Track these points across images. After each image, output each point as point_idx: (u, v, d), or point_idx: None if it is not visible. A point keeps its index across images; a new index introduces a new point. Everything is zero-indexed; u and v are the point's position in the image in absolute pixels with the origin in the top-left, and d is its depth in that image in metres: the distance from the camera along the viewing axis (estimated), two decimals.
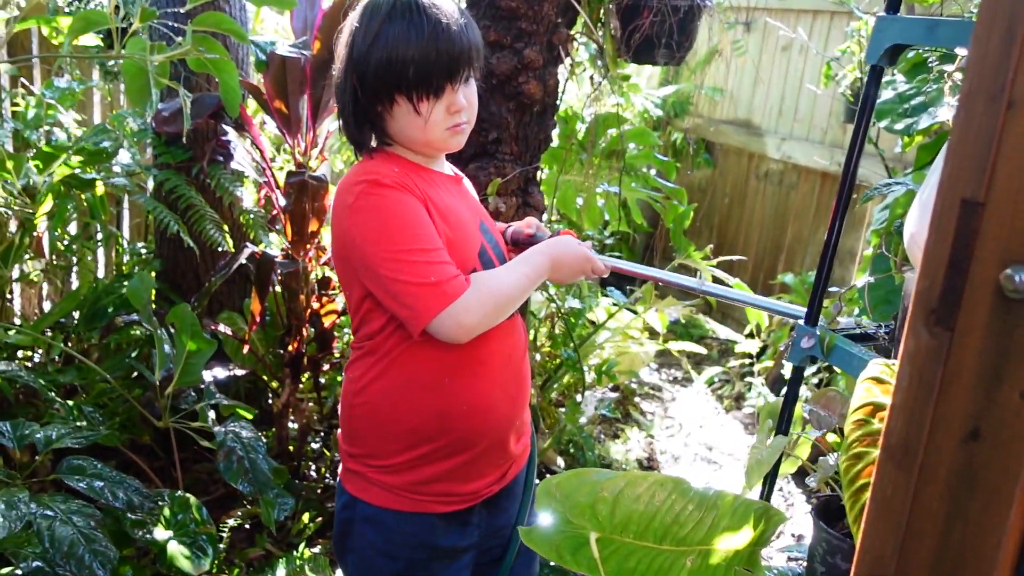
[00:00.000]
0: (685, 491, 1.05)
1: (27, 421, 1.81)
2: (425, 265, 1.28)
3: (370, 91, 1.34)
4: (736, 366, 4.08)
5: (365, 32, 1.32)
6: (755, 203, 4.68)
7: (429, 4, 1.32)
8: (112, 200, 3.22)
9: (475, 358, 1.43)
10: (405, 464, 1.44)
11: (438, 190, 1.41)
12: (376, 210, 1.30)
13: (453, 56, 1.31)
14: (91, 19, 2.07)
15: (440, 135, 1.38)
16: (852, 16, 3.70)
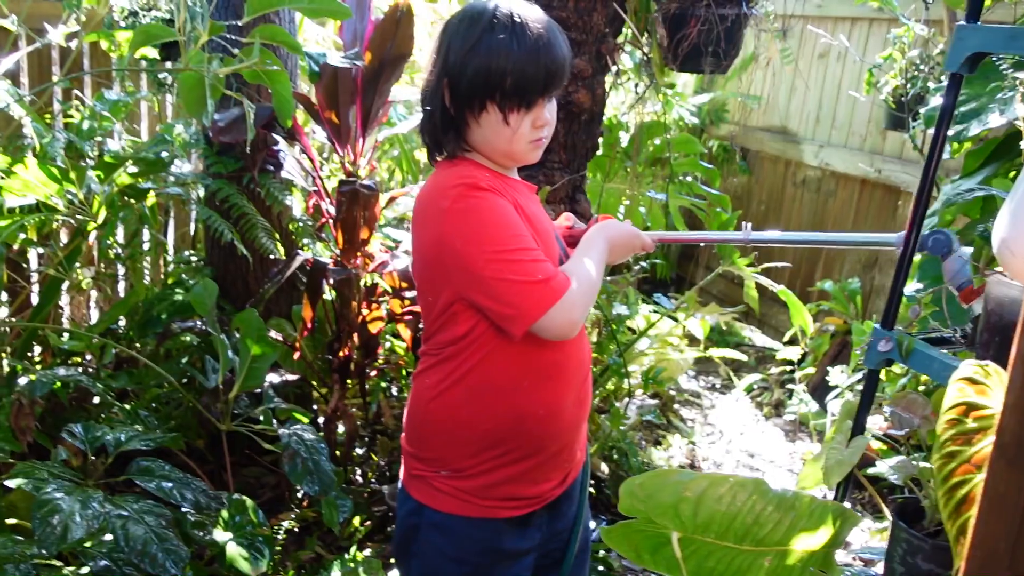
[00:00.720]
0: (765, 492, 1.07)
1: (96, 424, 1.85)
2: (531, 263, 1.30)
3: (462, 97, 1.37)
4: (775, 373, 4.07)
5: (464, 39, 1.35)
6: (792, 210, 4.67)
7: (530, 16, 1.35)
8: (159, 210, 3.28)
9: (552, 361, 1.45)
10: (477, 468, 1.46)
11: (523, 198, 1.45)
12: (475, 212, 1.32)
13: (550, 71, 1.34)
14: (152, 32, 2.12)
15: (523, 147, 1.41)
16: (892, 23, 3.70)
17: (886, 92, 3.39)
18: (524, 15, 1.35)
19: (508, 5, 1.37)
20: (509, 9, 1.36)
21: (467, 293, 1.37)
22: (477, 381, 1.44)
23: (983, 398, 0.82)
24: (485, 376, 1.43)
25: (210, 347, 2.76)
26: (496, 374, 1.43)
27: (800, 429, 3.75)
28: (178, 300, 2.75)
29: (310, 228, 2.85)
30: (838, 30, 4.21)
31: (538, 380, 1.44)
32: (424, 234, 1.42)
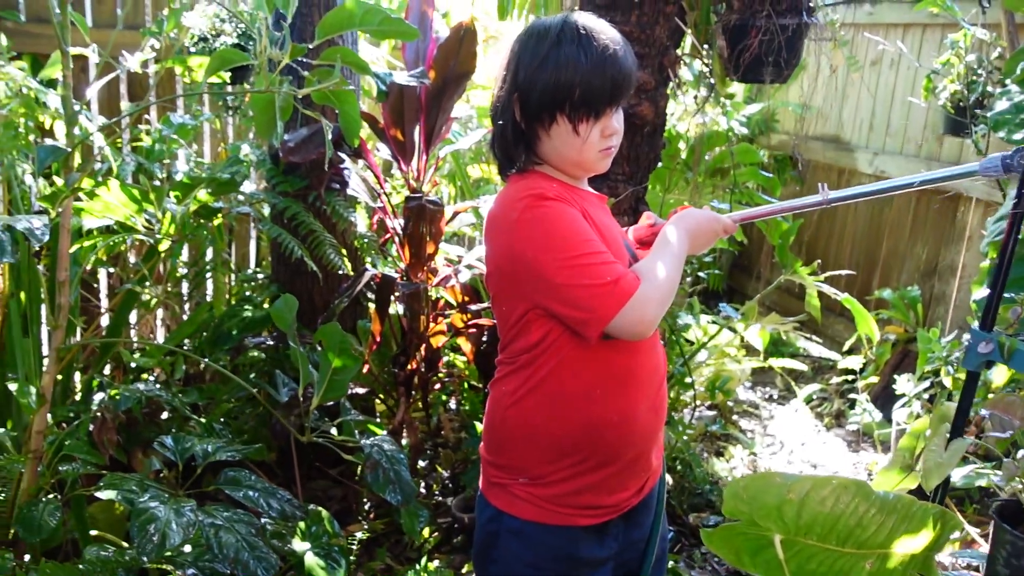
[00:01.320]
0: (868, 494, 1.07)
1: (185, 435, 1.91)
2: (601, 266, 1.33)
3: (533, 110, 1.41)
4: (835, 383, 4.04)
5: (533, 54, 1.39)
6: (847, 218, 4.64)
7: (597, 30, 1.39)
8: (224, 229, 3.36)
9: (626, 369, 1.47)
10: (554, 476, 1.48)
11: (591, 207, 1.47)
12: (544, 221, 1.36)
13: (617, 82, 1.38)
14: (227, 57, 2.18)
15: (593, 156, 1.44)
16: (946, 28, 3.68)
17: (944, 97, 3.37)
18: (591, 28, 1.39)
19: (576, 19, 1.41)
20: (576, 23, 1.40)
21: (541, 301, 1.40)
22: (551, 388, 1.46)
23: None
24: (559, 383, 1.45)
25: (278, 362, 2.82)
26: (570, 381, 1.45)
27: (863, 439, 3.71)
28: (248, 316, 2.82)
29: (375, 243, 2.90)
30: (891, 37, 4.18)
31: (612, 387, 1.46)
32: (496, 246, 1.46)
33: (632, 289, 1.34)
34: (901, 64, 4.20)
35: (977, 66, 3.29)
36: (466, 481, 2.73)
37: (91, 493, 1.90)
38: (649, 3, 2.33)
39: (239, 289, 3.34)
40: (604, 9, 2.36)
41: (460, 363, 3.19)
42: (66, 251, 1.94)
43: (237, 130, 3.75)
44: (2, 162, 2.26)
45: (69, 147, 1.89)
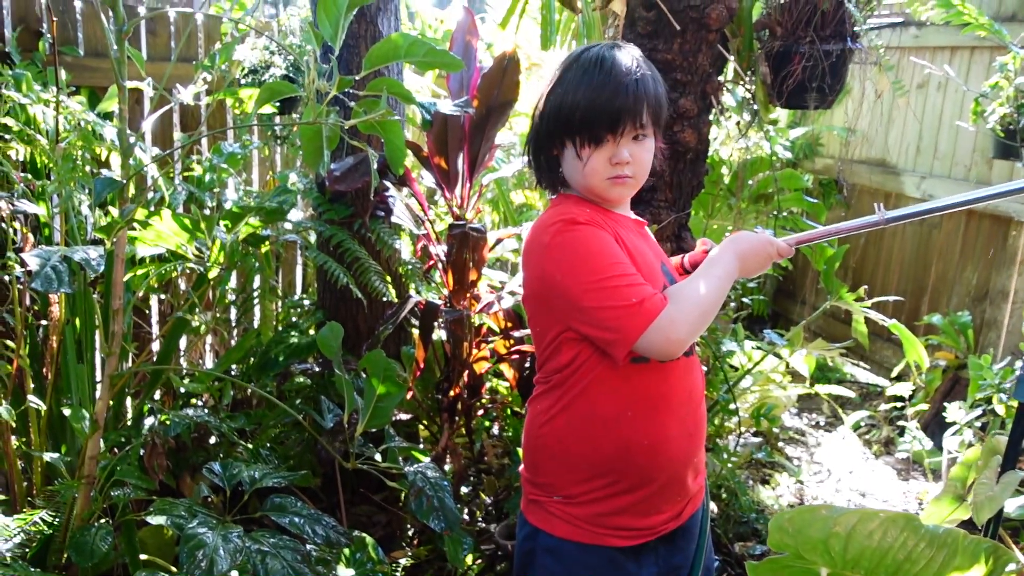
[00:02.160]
0: (917, 528, 1.06)
1: (232, 462, 1.94)
2: (626, 288, 1.35)
3: (545, 135, 1.46)
4: (884, 410, 3.96)
5: (552, 80, 1.46)
6: (893, 243, 4.57)
7: (611, 57, 1.41)
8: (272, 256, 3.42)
9: (657, 392, 1.48)
10: (587, 496, 1.49)
11: (625, 231, 1.49)
12: (572, 245, 1.39)
13: (614, 108, 1.39)
14: (276, 89, 2.23)
15: (599, 183, 1.45)
16: (995, 51, 3.63)
17: (993, 121, 3.32)
18: (607, 55, 1.41)
19: (600, 47, 1.44)
20: (598, 50, 1.43)
21: (570, 323, 1.43)
22: (583, 409, 1.48)
23: None
24: (590, 404, 1.47)
25: (324, 389, 2.86)
26: (600, 402, 1.47)
27: (913, 468, 3.63)
28: (294, 342, 2.86)
29: (419, 271, 2.93)
30: (937, 60, 4.14)
31: (642, 410, 1.47)
32: (530, 270, 1.50)
33: (658, 309, 1.35)
34: (948, 87, 4.15)
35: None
36: (509, 508, 2.73)
37: (141, 518, 1.94)
38: (692, 31, 2.34)
39: (286, 315, 3.39)
40: (647, 37, 2.37)
41: (503, 389, 3.20)
42: (120, 280, 2.00)
43: (285, 158, 3.83)
44: (60, 193, 2.34)
45: (124, 179, 1.94)
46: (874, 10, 2.61)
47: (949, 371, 3.69)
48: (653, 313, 1.34)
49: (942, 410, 3.26)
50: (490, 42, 3.60)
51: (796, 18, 2.48)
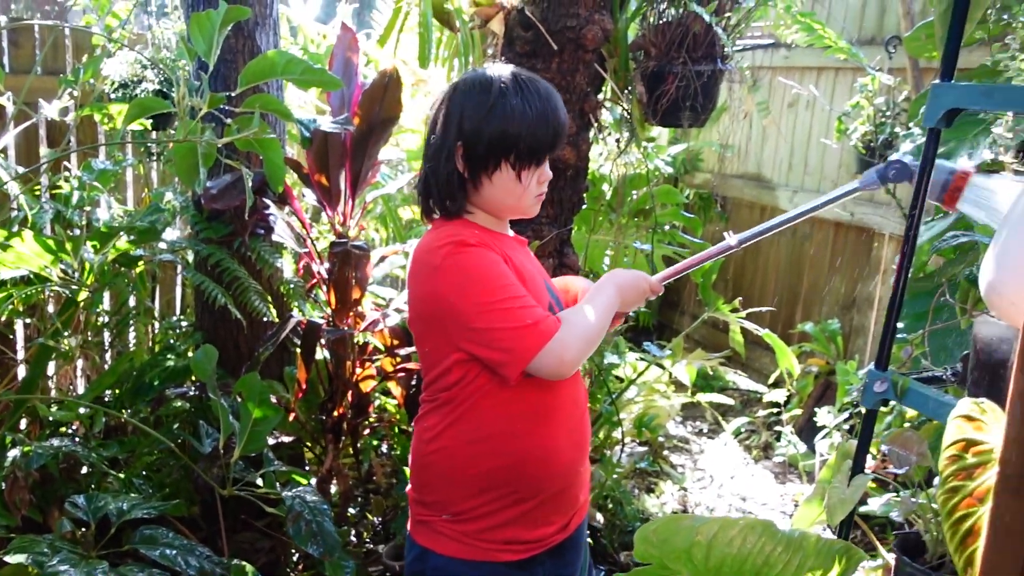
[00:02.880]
0: (773, 533, 1.10)
1: (99, 494, 1.85)
2: (519, 310, 1.38)
3: (478, 159, 1.45)
4: (762, 416, 4.12)
5: (478, 106, 1.44)
6: (769, 254, 4.77)
7: (535, 83, 1.47)
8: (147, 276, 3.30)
9: (546, 404, 1.50)
10: (476, 511, 1.50)
11: (512, 251, 1.51)
12: (465, 267, 1.40)
13: (558, 132, 1.47)
14: (147, 105, 2.16)
15: (530, 201, 1.52)
16: (857, 72, 3.84)
17: (855, 138, 3.51)
18: (529, 81, 1.47)
19: (511, 71, 1.49)
20: (514, 75, 1.47)
21: (462, 344, 1.44)
22: (471, 424, 1.49)
23: (981, 434, 0.86)
24: (478, 419, 1.49)
25: (202, 413, 2.76)
26: (489, 417, 1.48)
27: (789, 471, 3.78)
28: (170, 366, 2.76)
29: (301, 290, 2.88)
30: (806, 80, 4.35)
31: (532, 423, 1.49)
32: (418, 290, 1.51)
33: (552, 331, 1.38)
34: (816, 106, 4.36)
35: (886, 109, 3.44)
36: (396, 528, 2.71)
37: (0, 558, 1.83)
38: (569, 51, 2.39)
39: (163, 337, 3.27)
40: (525, 57, 2.41)
41: (391, 407, 3.17)
42: None
43: (162, 176, 3.70)
44: None
45: None
46: (742, 34, 2.72)
47: (821, 377, 3.87)
48: (547, 335, 1.38)
49: (814, 415, 3.41)
50: (374, 58, 3.58)
51: (669, 40, 2.57)
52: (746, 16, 2.67)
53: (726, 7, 2.57)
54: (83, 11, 3.46)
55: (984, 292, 1.04)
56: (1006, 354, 1.10)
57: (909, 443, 1.16)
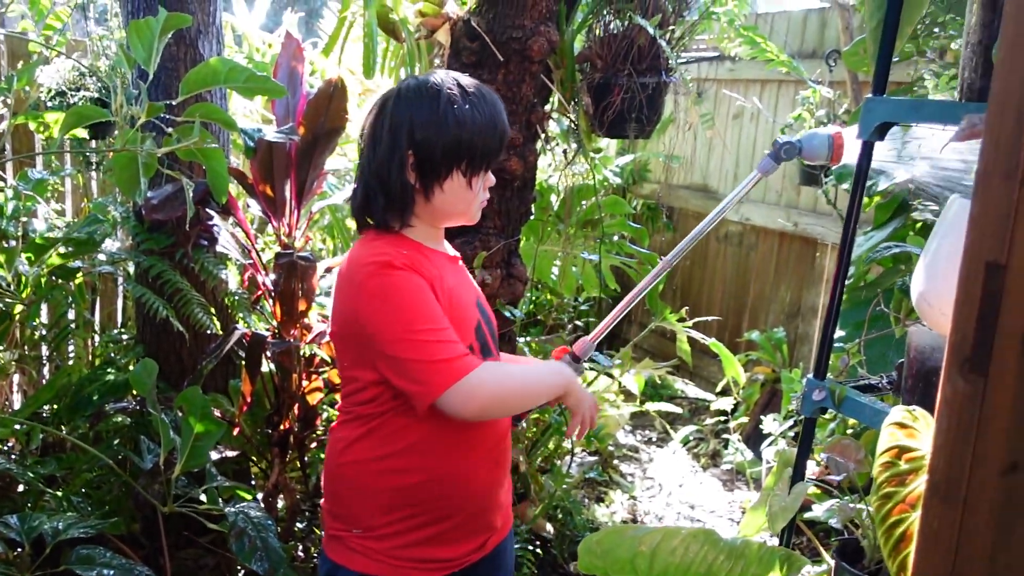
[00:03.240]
0: (715, 542, 1.11)
1: (34, 513, 1.80)
2: (436, 344, 1.35)
3: (431, 168, 1.43)
4: (710, 424, 4.16)
5: (429, 113, 1.41)
6: (716, 264, 4.83)
7: (482, 88, 1.47)
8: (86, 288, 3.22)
9: (461, 426, 1.47)
10: (387, 528, 1.48)
11: (442, 271, 1.48)
12: (385, 292, 1.37)
13: (503, 136, 1.47)
14: (84, 114, 2.11)
15: (477, 207, 1.52)
16: (799, 85, 3.92)
17: None
18: (474, 87, 1.46)
19: (455, 78, 1.46)
20: (458, 82, 1.45)
21: (376, 366, 1.42)
22: (383, 440, 1.47)
23: (913, 441, 0.88)
24: (391, 436, 1.47)
25: (144, 428, 2.70)
26: (402, 435, 1.46)
27: (737, 478, 3.82)
28: (110, 380, 2.69)
29: (246, 301, 2.83)
30: (750, 92, 4.43)
31: (446, 444, 1.47)
32: (340, 306, 1.47)
33: (465, 370, 1.35)
34: (760, 117, 4.44)
35: (827, 120, 3.51)
36: None
37: None
38: (515, 62, 2.39)
39: (103, 351, 3.19)
40: (471, 67, 2.41)
41: None
42: None
43: (102, 186, 3.62)
44: None
45: None
46: (686, 46, 2.76)
47: (767, 384, 3.93)
48: (459, 373, 1.35)
49: (761, 422, 3.46)
50: (320, 68, 3.55)
51: (615, 52, 2.60)
52: (690, 29, 2.71)
53: (670, 20, 2.61)
54: (20, 17, 3.37)
55: (915, 302, 1.07)
56: (938, 362, 1.13)
57: (847, 450, 1.18)
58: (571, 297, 4.19)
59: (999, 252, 0.65)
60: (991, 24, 1.14)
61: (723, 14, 2.86)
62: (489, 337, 1.56)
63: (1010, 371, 0.66)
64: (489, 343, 1.56)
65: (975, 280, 0.67)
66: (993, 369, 0.66)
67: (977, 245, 0.67)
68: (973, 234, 0.67)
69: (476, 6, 2.38)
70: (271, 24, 4.72)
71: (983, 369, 0.67)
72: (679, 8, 2.66)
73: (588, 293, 3.40)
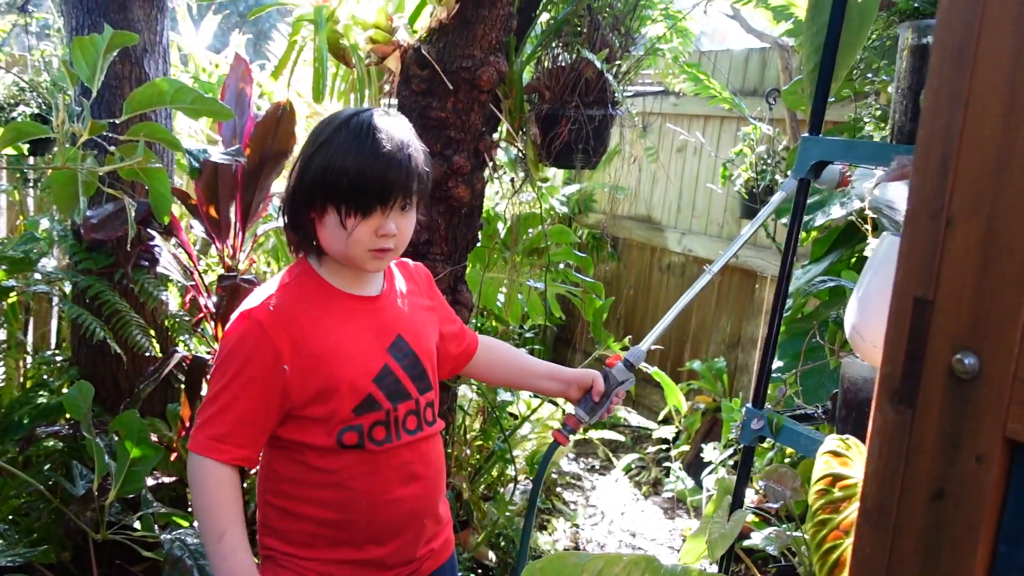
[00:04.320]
0: (657, 569, 1.12)
1: None
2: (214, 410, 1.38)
3: (305, 195, 1.39)
4: (652, 452, 4.20)
5: (315, 137, 1.39)
6: (659, 294, 4.90)
7: (381, 126, 1.37)
8: (19, 308, 3.13)
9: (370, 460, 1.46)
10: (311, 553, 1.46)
11: (326, 319, 1.43)
12: (228, 337, 1.41)
13: (387, 180, 1.35)
14: (24, 130, 2.07)
15: (361, 254, 1.40)
16: (742, 121, 4.03)
17: (739, 184, 3.67)
18: (380, 124, 1.37)
19: (371, 113, 1.40)
20: (369, 116, 1.39)
21: None
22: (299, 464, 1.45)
23: (846, 469, 0.91)
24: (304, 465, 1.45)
25: (76, 452, 2.63)
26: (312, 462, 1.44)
27: (678, 506, 3.86)
28: (42, 403, 2.62)
29: (187, 324, 2.79)
30: (693, 127, 4.53)
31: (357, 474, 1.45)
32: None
33: (196, 448, 1.38)
34: (703, 152, 4.54)
35: (767, 156, 3.61)
36: None
37: None
38: (464, 91, 2.42)
39: (36, 373, 3.10)
40: (421, 95, 2.43)
41: None
42: None
43: (39, 203, 3.53)
44: None
45: None
46: (632, 80, 2.82)
47: (708, 413, 3.98)
48: (200, 446, 1.37)
49: (701, 451, 3.51)
50: (268, 90, 3.53)
51: (562, 84, 2.64)
52: (636, 64, 2.77)
53: (617, 55, 2.67)
54: None
55: (848, 334, 1.10)
56: (870, 393, 1.17)
57: (783, 478, 1.21)
58: (516, 324, 4.20)
59: (926, 288, 0.68)
60: (919, 70, 1.20)
61: (668, 50, 2.93)
62: (406, 380, 1.49)
63: (936, 402, 0.69)
64: (403, 388, 1.49)
65: (904, 315, 0.70)
66: (921, 400, 0.70)
67: (906, 281, 0.70)
68: (902, 270, 0.70)
69: (427, 35, 2.40)
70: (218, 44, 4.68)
71: (911, 401, 0.70)
72: (626, 43, 2.72)
73: (533, 320, 3.42)
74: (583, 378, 1.72)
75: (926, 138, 0.68)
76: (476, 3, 2.32)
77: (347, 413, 1.42)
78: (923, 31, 1.15)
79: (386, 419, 1.46)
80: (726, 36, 7.12)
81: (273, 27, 4.60)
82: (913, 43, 1.17)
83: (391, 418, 1.47)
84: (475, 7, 2.33)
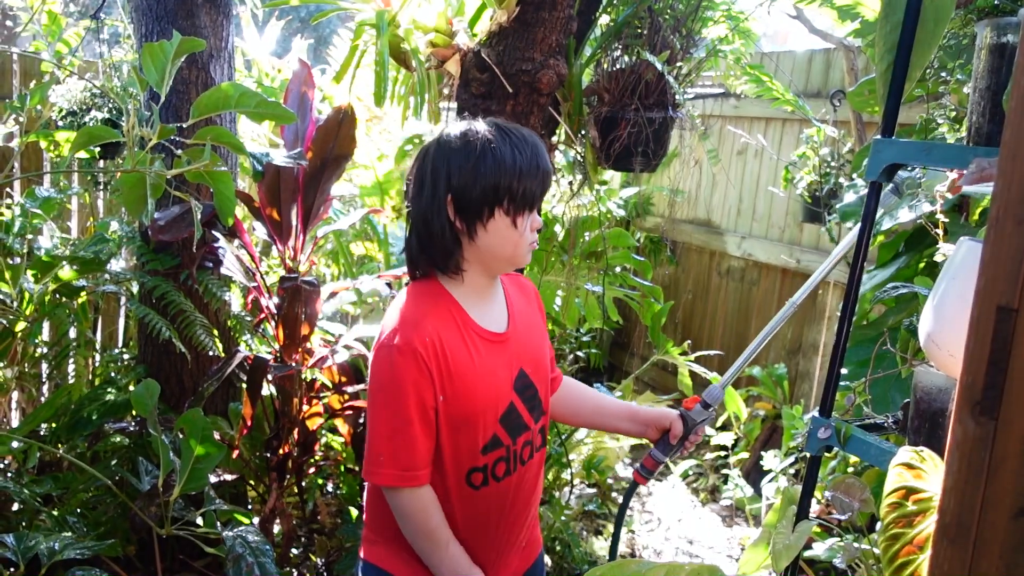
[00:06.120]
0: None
1: (30, 532, 1.79)
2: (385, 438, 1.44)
3: (472, 210, 1.43)
4: (710, 459, 4.14)
5: (467, 158, 1.42)
6: (718, 299, 4.84)
7: (524, 132, 1.48)
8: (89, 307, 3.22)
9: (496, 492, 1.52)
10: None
11: (466, 349, 1.47)
12: (379, 372, 1.44)
13: (548, 176, 1.47)
14: (95, 134, 2.13)
15: (525, 249, 1.49)
16: (804, 123, 3.95)
17: (801, 187, 3.60)
18: (514, 130, 1.48)
19: (495, 123, 1.48)
20: (497, 125, 1.48)
21: None
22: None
23: (920, 482, 0.88)
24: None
25: (142, 448, 2.69)
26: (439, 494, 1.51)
27: (736, 514, 3.80)
28: (110, 400, 2.69)
29: (249, 324, 2.84)
30: (754, 129, 4.46)
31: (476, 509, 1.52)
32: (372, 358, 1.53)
33: (393, 482, 1.43)
34: (764, 154, 4.47)
35: (830, 159, 3.53)
36: (340, 569, 2.65)
37: None
38: (524, 94, 2.41)
39: (104, 370, 3.19)
40: (480, 98, 2.43)
41: (337, 445, 3.12)
42: None
43: (108, 205, 3.63)
44: None
45: None
46: (693, 83, 2.78)
47: (767, 420, 3.91)
48: (389, 478, 1.43)
49: (761, 458, 3.44)
50: (329, 95, 3.58)
51: (622, 86, 2.62)
52: (697, 66, 2.73)
53: (678, 57, 2.63)
54: (33, 37, 3.41)
55: (923, 343, 1.07)
56: (945, 404, 1.13)
57: (852, 489, 1.18)
58: (573, 328, 4.18)
59: (1011, 296, 0.65)
60: (998, 70, 1.16)
61: (730, 52, 2.88)
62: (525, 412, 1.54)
63: (1020, 415, 0.66)
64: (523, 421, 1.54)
65: (986, 323, 0.67)
66: (1003, 413, 0.67)
67: (989, 289, 0.67)
68: (985, 277, 0.67)
69: (486, 38, 2.40)
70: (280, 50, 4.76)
71: (993, 413, 0.67)
72: (686, 45, 2.68)
73: (590, 324, 3.40)
74: (661, 419, 1.74)
75: (1012, 141, 0.66)
76: (536, 6, 2.31)
77: (476, 452, 1.48)
78: (1003, 29, 1.11)
79: (507, 455, 1.52)
80: (787, 38, 6.99)
81: (334, 32, 4.66)
82: (992, 42, 1.13)
83: (510, 453, 1.52)
84: (535, 10, 2.32)
